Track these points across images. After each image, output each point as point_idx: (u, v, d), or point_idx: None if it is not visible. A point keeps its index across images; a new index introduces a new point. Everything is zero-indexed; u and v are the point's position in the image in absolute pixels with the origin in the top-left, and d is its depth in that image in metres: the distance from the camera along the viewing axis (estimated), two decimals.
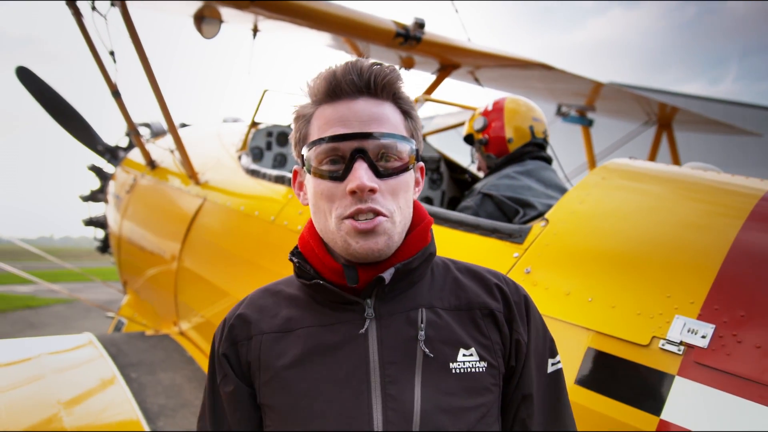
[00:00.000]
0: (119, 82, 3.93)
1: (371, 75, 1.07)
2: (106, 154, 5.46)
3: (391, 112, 1.10)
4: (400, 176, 1.08)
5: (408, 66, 4.68)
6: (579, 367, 1.71)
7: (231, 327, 1.14)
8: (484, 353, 1.08)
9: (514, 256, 2.02)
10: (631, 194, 2.04)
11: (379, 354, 1.05)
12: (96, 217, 5.76)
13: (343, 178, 1.05)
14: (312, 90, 1.11)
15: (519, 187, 2.64)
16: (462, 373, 1.06)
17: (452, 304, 1.12)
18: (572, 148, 6.97)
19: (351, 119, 1.06)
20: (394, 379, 1.03)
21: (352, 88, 1.07)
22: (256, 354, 1.10)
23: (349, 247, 1.05)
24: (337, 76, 1.07)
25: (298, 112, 1.14)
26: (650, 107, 5.85)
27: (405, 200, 1.10)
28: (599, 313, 1.74)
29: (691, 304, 1.61)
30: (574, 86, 5.49)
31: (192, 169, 3.82)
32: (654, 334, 1.62)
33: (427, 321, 1.08)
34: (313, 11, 3.66)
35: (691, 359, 1.54)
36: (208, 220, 3.61)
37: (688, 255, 1.73)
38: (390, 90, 1.09)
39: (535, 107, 3.06)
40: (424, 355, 1.05)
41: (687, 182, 2.03)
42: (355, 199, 1.04)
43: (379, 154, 1.06)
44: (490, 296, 1.14)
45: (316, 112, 1.11)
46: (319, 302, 1.12)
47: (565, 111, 6.42)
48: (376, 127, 1.06)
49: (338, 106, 1.08)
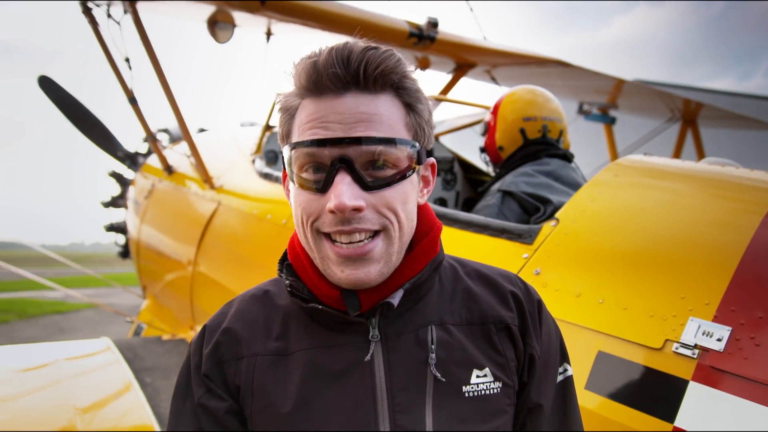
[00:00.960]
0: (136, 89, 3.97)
1: (361, 64, 0.88)
2: (126, 161, 5.52)
3: (387, 108, 0.92)
4: (395, 186, 0.92)
5: (424, 66, 4.64)
6: (590, 371, 1.64)
7: (216, 344, 0.99)
8: (498, 372, 0.99)
9: (523, 257, 1.96)
10: (644, 191, 1.97)
11: (387, 380, 0.94)
12: (117, 223, 5.83)
13: (324, 191, 0.90)
14: (294, 78, 0.94)
15: (538, 184, 2.49)
16: (475, 396, 0.96)
17: (464, 318, 1.01)
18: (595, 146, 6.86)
19: (332, 120, 0.89)
20: (403, 408, 0.93)
21: (336, 83, 0.89)
22: (249, 378, 0.96)
23: (333, 275, 0.93)
24: (318, 68, 0.89)
25: (282, 103, 0.97)
26: (674, 103, 5.73)
27: (405, 211, 0.94)
28: (610, 315, 1.67)
29: (707, 305, 1.54)
30: (594, 83, 5.40)
31: (206, 173, 3.83)
32: (667, 337, 1.55)
33: (438, 341, 0.97)
34: (324, 13, 3.65)
35: (706, 363, 1.47)
36: (222, 224, 3.61)
37: (704, 254, 1.66)
38: (386, 80, 0.91)
39: (538, 101, 2.74)
40: (435, 379, 0.95)
41: (702, 178, 1.95)
42: (336, 219, 0.89)
43: (368, 162, 0.90)
44: (505, 306, 1.04)
45: (301, 106, 0.94)
46: (316, 320, 0.99)
47: (586, 109, 6.32)
48: (363, 129, 0.89)
49: (321, 103, 0.91)
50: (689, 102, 5.67)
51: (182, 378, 1.03)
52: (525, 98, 2.75)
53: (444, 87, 4.57)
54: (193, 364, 1.01)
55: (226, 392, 0.98)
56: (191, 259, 3.78)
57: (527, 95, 2.77)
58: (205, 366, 0.99)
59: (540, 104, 2.73)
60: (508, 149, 2.73)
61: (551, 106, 2.76)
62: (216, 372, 0.98)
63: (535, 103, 2.73)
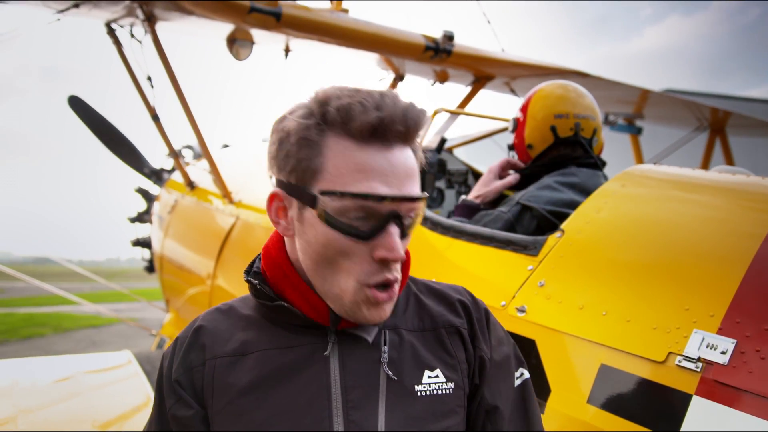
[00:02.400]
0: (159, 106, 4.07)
1: (415, 121, 0.93)
2: (152, 177, 5.64)
3: (414, 161, 0.98)
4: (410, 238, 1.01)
5: (443, 80, 4.65)
6: (592, 385, 1.61)
7: (186, 351, 1.04)
8: (449, 373, 1.04)
9: (528, 269, 1.93)
10: (650, 201, 1.93)
11: (341, 378, 0.99)
12: (143, 238, 5.94)
13: (368, 238, 0.94)
14: (333, 114, 0.92)
15: (562, 201, 2.30)
16: (428, 395, 1.01)
17: (416, 325, 1.07)
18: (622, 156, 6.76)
19: (390, 176, 0.92)
20: (357, 405, 0.97)
21: (395, 138, 0.93)
22: (210, 379, 1.01)
23: (358, 311, 0.97)
24: (385, 121, 0.90)
25: (299, 132, 0.94)
26: (701, 112, 5.62)
27: None
28: (613, 328, 1.64)
29: (711, 317, 1.49)
30: (617, 94, 5.34)
31: (225, 188, 3.89)
32: (670, 350, 1.51)
33: (390, 342, 1.03)
34: (341, 29, 3.69)
35: (710, 377, 1.42)
36: (239, 238, 3.66)
37: (709, 264, 1.61)
38: (419, 134, 0.97)
39: (570, 97, 2.52)
40: (387, 378, 1.00)
41: (712, 187, 1.90)
42: (383, 268, 0.95)
43: (408, 217, 0.97)
44: (454, 313, 1.10)
45: (333, 144, 0.93)
46: (277, 323, 1.04)
47: (612, 120, 6.25)
48: (411, 186, 0.95)
49: (372, 153, 0.92)
50: (717, 111, 5.56)
51: (157, 386, 1.08)
52: (556, 93, 2.55)
53: (463, 99, 4.57)
54: (165, 374, 1.06)
55: (194, 397, 1.02)
56: (210, 273, 3.83)
57: (559, 90, 2.57)
58: (176, 373, 1.03)
59: (572, 100, 2.53)
60: (537, 147, 2.54)
61: (585, 102, 2.55)
62: (185, 378, 1.03)
63: (567, 98, 2.53)
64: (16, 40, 4.21)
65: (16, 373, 3.04)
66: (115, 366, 3.42)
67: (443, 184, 3.21)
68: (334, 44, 3.87)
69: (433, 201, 3.16)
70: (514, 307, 1.86)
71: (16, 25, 4.05)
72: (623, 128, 6.19)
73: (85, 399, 2.91)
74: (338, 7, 3.86)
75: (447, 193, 3.22)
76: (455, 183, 3.24)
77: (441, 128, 3.55)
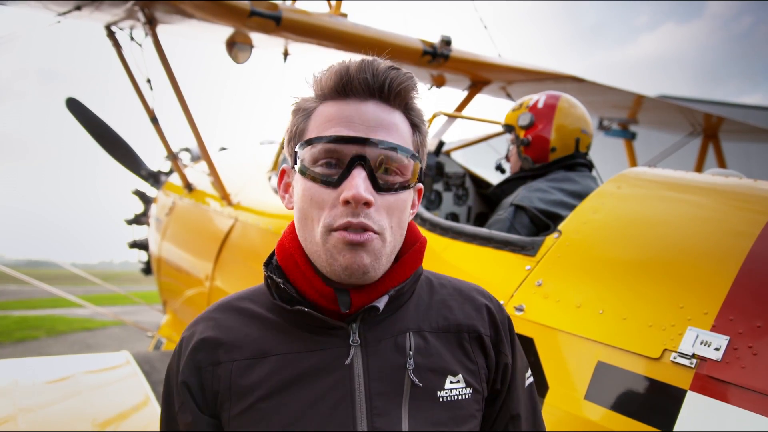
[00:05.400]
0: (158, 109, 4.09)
1: (387, 78, 0.97)
2: (149, 179, 5.65)
3: (401, 122, 1.01)
4: (399, 193, 0.99)
5: (439, 84, 4.69)
6: (589, 381, 1.64)
7: (193, 350, 1.01)
8: (470, 379, 1.03)
9: (526, 269, 1.97)
10: (645, 202, 1.97)
11: (365, 384, 0.96)
12: (140, 240, 5.94)
13: (337, 185, 0.95)
14: (318, 83, 1.01)
15: (552, 201, 2.50)
16: (449, 401, 1.00)
17: (440, 325, 1.06)
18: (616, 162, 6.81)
19: (356, 121, 0.96)
20: (381, 412, 0.95)
21: (363, 88, 0.97)
22: (226, 383, 0.98)
23: (334, 261, 0.95)
24: (350, 72, 0.97)
25: (298, 104, 1.04)
26: (694, 118, 5.68)
27: (399, 220, 1.00)
28: (610, 326, 1.67)
29: (705, 314, 1.54)
30: (612, 99, 5.38)
31: (224, 190, 3.91)
32: (665, 347, 1.54)
33: (416, 347, 1.01)
34: (339, 33, 3.72)
35: (704, 373, 1.46)
36: (238, 240, 3.68)
37: (703, 262, 1.66)
38: (403, 98, 1.00)
39: (587, 116, 2.79)
40: (412, 384, 0.98)
41: (705, 188, 1.95)
42: (347, 210, 0.93)
43: (380, 164, 0.96)
44: (479, 318, 1.09)
45: (319, 108, 1.01)
46: (295, 325, 1.01)
47: (606, 125, 6.30)
48: (383, 134, 0.97)
49: (344, 105, 0.98)
50: (710, 116, 5.62)
51: (164, 389, 1.06)
52: (580, 110, 2.79)
53: (460, 104, 4.61)
54: (173, 374, 1.04)
55: (203, 399, 1.00)
56: (209, 275, 3.84)
57: (580, 109, 2.80)
58: (182, 375, 1.01)
59: (587, 120, 2.80)
60: (559, 152, 2.73)
61: (589, 120, 2.82)
62: (194, 379, 1.00)
63: (584, 117, 2.79)
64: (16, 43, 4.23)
65: (16, 373, 3.05)
66: (114, 366, 3.43)
67: (441, 186, 3.25)
68: (333, 48, 3.90)
69: (431, 203, 3.19)
70: (512, 306, 1.89)
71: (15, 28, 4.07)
72: (617, 133, 6.23)
73: (85, 398, 2.92)
74: (337, 11, 3.90)
75: (444, 196, 3.26)
76: (453, 185, 3.28)
77: (438, 131, 3.59)
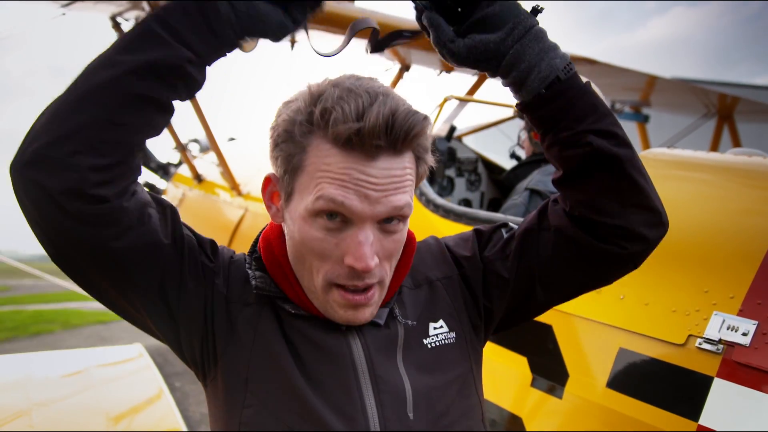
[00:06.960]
0: None
1: (401, 132, 0.87)
2: (158, 171, 5.64)
3: (409, 165, 0.92)
4: (399, 233, 0.95)
5: (449, 69, 4.62)
6: (611, 369, 1.60)
7: (228, 264, 1.04)
8: (452, 323, 1.08)
9: None
10: (667, 183, 1.90)
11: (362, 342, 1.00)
12: None
13: (340, 240, 0.91)
14: (317, 116, 0.88)
15: None
16: (436, 346, 1.04)
17: (411, 283, 1.10)
18: None
19: (367, 186, 0.88)
20: (378, 363, 1.00)
21: (376, 149, 0.87)
22: (228, 314, 1.00)
23: (334, 313, 0.96)
24: (363, 132, 0.85)
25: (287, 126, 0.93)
26: (708, 99, 5.57)
27: (397, 256, 0.99)
28: (632, 312, 1.63)
29: (731, 299, 1.48)
30: (624, 81, 5.29)
31: (234, 180, 3.88)
32: (690, 333, 1.50)
33: (396, 302, 1.06)
34: (347, 19, 3.66)
35: (731, 359, 1.41)
36: (249, 229, 3.66)
37: (729, 245, 1.60)
38: (414, 142, 0.91)
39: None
40: (405, 334, 1.02)
41: (728, 168, 1.89)
42: (352, 274, 0.91)
43: (385, 219, 0.92)
44: (443, 263, 1.13)
45: (315, 145, 0.90)
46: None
47: (619, 108, 6.21)
48: (393, 191, 0.89)
49: (350, 162, 0.88)
50: (725, 97, 5.52)
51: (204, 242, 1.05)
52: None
53: (470, 89, 4.54)
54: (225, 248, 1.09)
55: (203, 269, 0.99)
56: None
57: None
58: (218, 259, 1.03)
59: None
60: None
61: None
62: (222, 270, 1.02)
63: None
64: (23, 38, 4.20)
65: (29, 367, 3.05)
66: (127, 359, 3.43)
67: (453, 172, 3.19)
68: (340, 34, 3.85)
69: (443, 189, 3.14)
70: None
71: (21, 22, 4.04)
72: (630, 116, 6.13)
73: (98, 392, 2.92)
74: None
75: (457, 182, 3.21)
76: (465, 171, 3.22)
77: (450, 116, 3.53)
